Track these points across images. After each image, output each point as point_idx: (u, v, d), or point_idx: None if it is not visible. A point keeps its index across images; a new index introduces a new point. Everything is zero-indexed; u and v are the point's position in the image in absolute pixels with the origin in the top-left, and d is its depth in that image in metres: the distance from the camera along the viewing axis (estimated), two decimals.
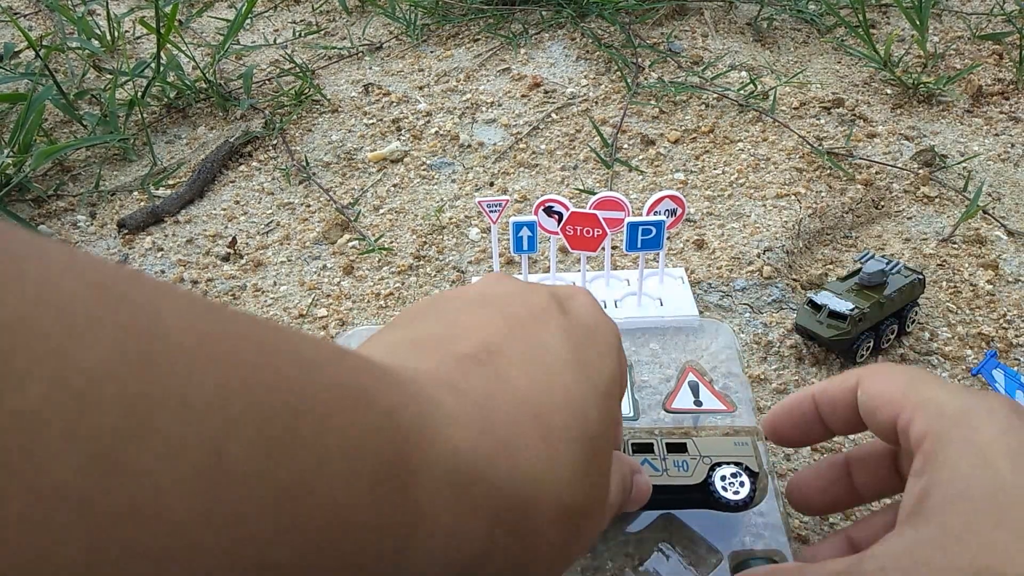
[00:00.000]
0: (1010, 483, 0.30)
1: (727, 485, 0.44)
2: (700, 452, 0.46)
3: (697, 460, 0.45)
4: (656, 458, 0.45)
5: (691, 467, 0.45)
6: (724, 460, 0.45)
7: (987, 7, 1.30)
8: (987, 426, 0.33)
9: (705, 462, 0.45)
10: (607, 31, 1.24)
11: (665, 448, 0.46)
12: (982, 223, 0.89)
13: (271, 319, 0.27)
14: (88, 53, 1.26)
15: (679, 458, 0.45)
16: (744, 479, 0.45)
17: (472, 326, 0.33)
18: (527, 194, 0.95)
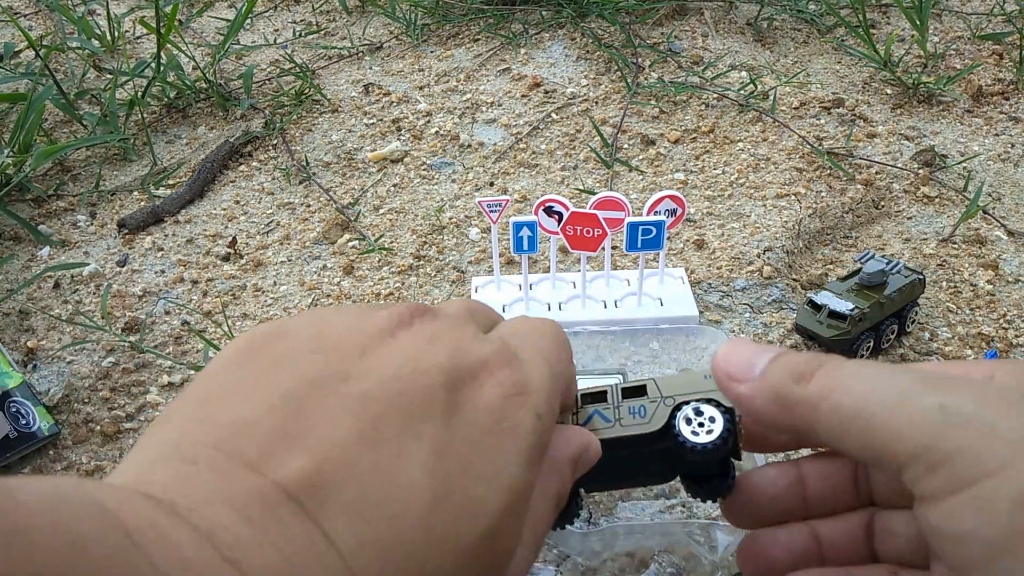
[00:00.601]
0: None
1: (695, 428, 0.34)
2: (661, 393, 0.36)
3: (657, 402, 0.35)
4: (608, 407, 0.36)
5: (649, 412, 0.35)
6: (690, 398, 0.35)
7: (987, 7, 1.30)
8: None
9: (667, 404, 0.35)
10: (607, 31, 1.24)
11: (620, 394, 0.36)
12: (982, 223, 0.89)
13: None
14: (88, 53, 1.26)
15: (635, 403, 0.36)
16: (716, 414, 0.34)
17: (308, 425, 0.23)
18: (527, 194, 0.95)
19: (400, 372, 0.25)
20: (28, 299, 0.86)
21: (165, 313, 0.84)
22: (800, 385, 0.30)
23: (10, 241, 0.95)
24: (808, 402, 0.30)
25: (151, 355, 0.79)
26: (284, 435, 0.23)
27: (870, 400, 0.28)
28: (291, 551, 0.20)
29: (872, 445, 0.28)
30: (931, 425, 0.27)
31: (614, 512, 0.56)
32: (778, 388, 0.31)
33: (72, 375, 0.77)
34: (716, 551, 0.53)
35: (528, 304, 0.74)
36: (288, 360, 0.26)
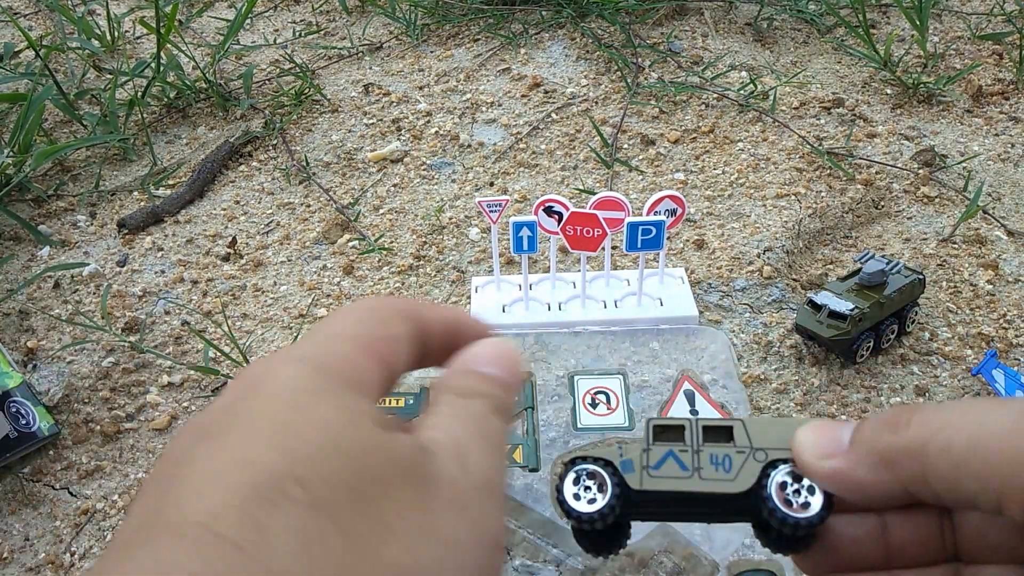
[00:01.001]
0: None
1: (789, 495, 0.29)
2: (751, 442, 0.31)
3: (746, 454, 0.30)
4: (686, 449, 0.31)
5: (735, 466, 0.30)
6: (786, 455, 0.30)
7: (987, 7, 1.30)
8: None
9: (757, 459, 0.30)
10: (607, 31, 1.24)
11: (701, 435, 0.31)
12: (982, 223, 0.89)
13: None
14: (88, 53, 1.26)
15: (719, 451, 0.31)
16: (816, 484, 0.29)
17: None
18: (527, 194, 0.95)
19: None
20: (28, 299, 0.86)
21: (165, 313, 0.84)
22: (900, 433, 0.28)
23: (10, 241, 0.95)
24: (912, 448, 0.27)
25: (151, 355, 0.79)
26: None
27: (983, 431, 0.26)
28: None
29: (994, 479, 0.25)
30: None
31: None
32: (876, 445, 0.28)
33: (72, 375, 0.77)
34: (716, 551, 0.53)
35: (528, 304, 0.74)
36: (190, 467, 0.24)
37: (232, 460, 0.22)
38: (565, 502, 0.31)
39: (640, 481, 0.31)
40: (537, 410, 0.64)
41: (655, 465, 0.31)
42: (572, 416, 0.63)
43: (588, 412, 0.64)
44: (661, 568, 0.52)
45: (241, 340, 0.80)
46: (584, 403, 0.64)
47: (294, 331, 0.80)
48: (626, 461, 0.31)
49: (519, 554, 0.55)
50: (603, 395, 0.65)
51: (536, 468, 0.59)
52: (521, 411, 0.63)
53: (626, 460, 0.31)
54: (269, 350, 0.79)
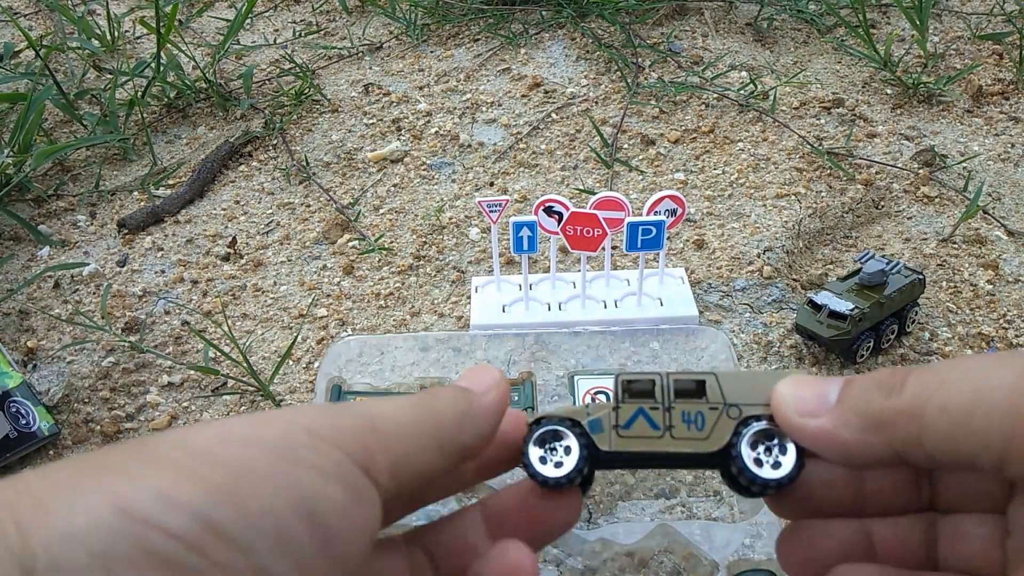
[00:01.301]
0: None
1: (760, 455, 0.29)
2: (724, 397, 0.30)
3: (718, 411, 0.29)
4: (657, 407, 0.30)
5: (708, 424, 0.29)
6: (759, 411, 0.29)
7: (987, 7, 1.30)
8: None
9: (730, 415, 0.29)
10: (607, 31, 1.24)
11: (672, 391, 0.30)
12: (982, 223, 0.89)
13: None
14: (88, 53, 1.26)
15: (691, 408, 0.30)
16: (789, 442, 0.29)
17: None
18: (527, 194, 0.95)
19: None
20: (28, 299, 0.86)
21: (165, 313, 0.84)
22: (893, 396, 0.27)
23: (10, 241, 0.95)
24: (908, 411, 0.26)
25: (151, 355, 0.79)
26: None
27: (985, 387, 0.25)
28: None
29: (997, 437, 0.24)
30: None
31: (614, 512, 0.56)
32: (868, 407, 0.27)
33: (72, 375, 0.77)
34: (716, 551, 0.53)
35: (528, 304, 0.74)
36: None
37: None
38: (530, 466, 0.30)
39: (610, 442, 0.30)
40: (537, 410, 0.64)
41: (625, 424, 0.30)
42: None
43: None
44: (661, 568, 0.52)
45: (241, 340, 0.80)
46: (584, 402, 0.64)
47: (294, 331, 0.80)
48: (594, 421, 0.30)
49: None
50: (603, 395, 0.65)
51: None
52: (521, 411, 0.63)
53: (594, 420, 0.30)
54: (269, 350, 0.79)
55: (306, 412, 0.26)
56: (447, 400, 0.29)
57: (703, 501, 0.56)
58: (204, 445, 0.23)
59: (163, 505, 0.21)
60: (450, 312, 0.81)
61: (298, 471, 0.23)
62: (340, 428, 0.26)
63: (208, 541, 0.21)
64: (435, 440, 0.28)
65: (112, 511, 0.20)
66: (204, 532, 0.21)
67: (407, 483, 0.27)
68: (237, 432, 0.24)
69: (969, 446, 0.25)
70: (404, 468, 0.27)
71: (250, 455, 0.23)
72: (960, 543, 0.30)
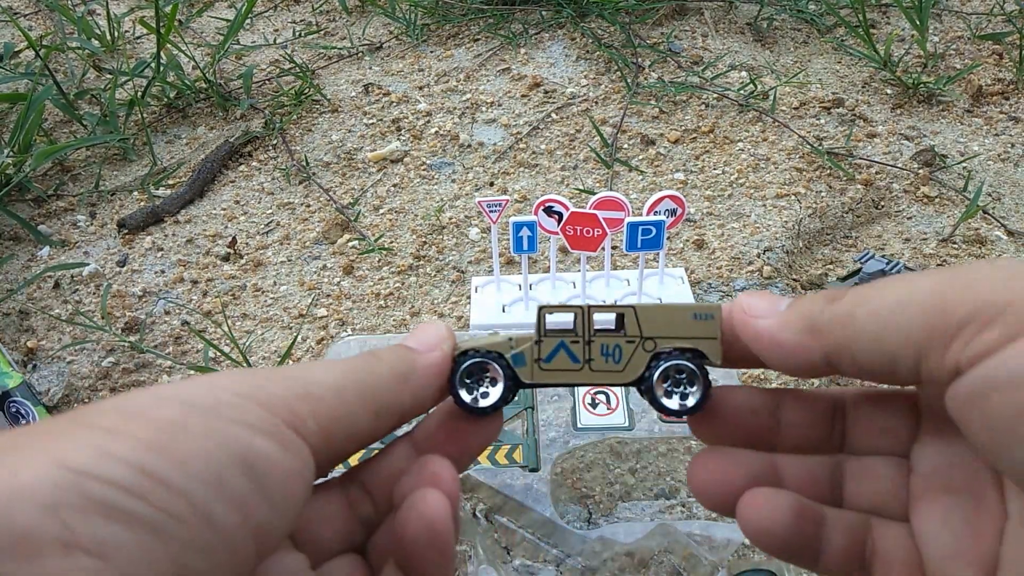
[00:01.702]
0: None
1: (670, 387, 0.31)
2: (641, 331, 0.31)
3: (635, 344, 0.31)
4: (578, 340, 0.31)
5: (624, 356, 0.31)
6: (673, 343, 0.31)
7: (987, 7, 1.30)
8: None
9: (646, 348, 0.31)
10: (607, 31, 1.24)
11: (592, 325, 0.31)
12: (982, 223, 0.89)
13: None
14: (88, 53, 1.26)
15: (609, 342, 0.31)
16: (697, 375, 0.31)
17: None
18: (527, 194, 0.95)
19: None
20: (28, 299, 0.86)
21: (165, 313, 0.84)
22: (834, 303, 0.28)
23: (10, 241, 0.95)
24: (843, 316, 0.28)
25: (151, 355, 0.79)
26: None
27: (909, 290, 0.27)
28: None
29: (919, 327, 0.26)
30: (988, 281, 0.25)
31: (614, 512, 0.56)
32: (810, 311, 0.29)
33: (72, 375, 0.77)
34: (716, 551, 0.53)
35: (528, 304, 0.74)
36: None
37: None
38: (458, 397, 0.31)
39: (531, 375, 0.32)
40: (537, 410, 0.64)
41: (546, 358, 0.32)
42: (572, 416, 0.63)
43: (588, 412, 0.64)
44: (661, 568, 0.52)
45: (241, 340, 0.80)
46: (584, 403, 0.64)
47: (294, 331, 0.80)
48: (517, 355, 0.31)
49: (519, 554, 0.55)
50: (603, 395, 0.65)
51: (536, 468, 0.59)
52: (521, 411, 0.63)
53: (517, 354, 0.31)
54: (269, 350, 0.79)
55: (235, 376, 0.27)
56: (388, 362, 0.30)
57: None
58: (136, 407, 0.25)
59: (102, 458, 0.22)
60: (450, 312, 0.81)
61: (227, 426, 0.25)
62: (269, 391, 0.27)
63: (148, 487, 0.22)
64: (371, 404, 0.29)
65: (55, 466, 0.22)
66: (143, 480, 0.22)
67: (340, 445, 0.28)
68: (167, 394, 0.25)
69: (892, 344, 0.27)
70: (336, 431, 0.28)
71: (181, 413, 0.25)
72: (866, 482, 0.32)
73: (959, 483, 0.29)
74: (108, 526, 0.21)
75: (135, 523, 0.22)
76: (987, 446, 0.25)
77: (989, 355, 0.24)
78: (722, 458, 0.32)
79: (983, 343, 0.24)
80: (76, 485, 0.21)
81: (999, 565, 0.27)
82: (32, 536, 0.20)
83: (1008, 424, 0.24)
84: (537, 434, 0.62)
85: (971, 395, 0.25)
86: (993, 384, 0.24)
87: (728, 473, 0.32)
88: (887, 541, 0.30)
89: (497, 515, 0.58)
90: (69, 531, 0.21)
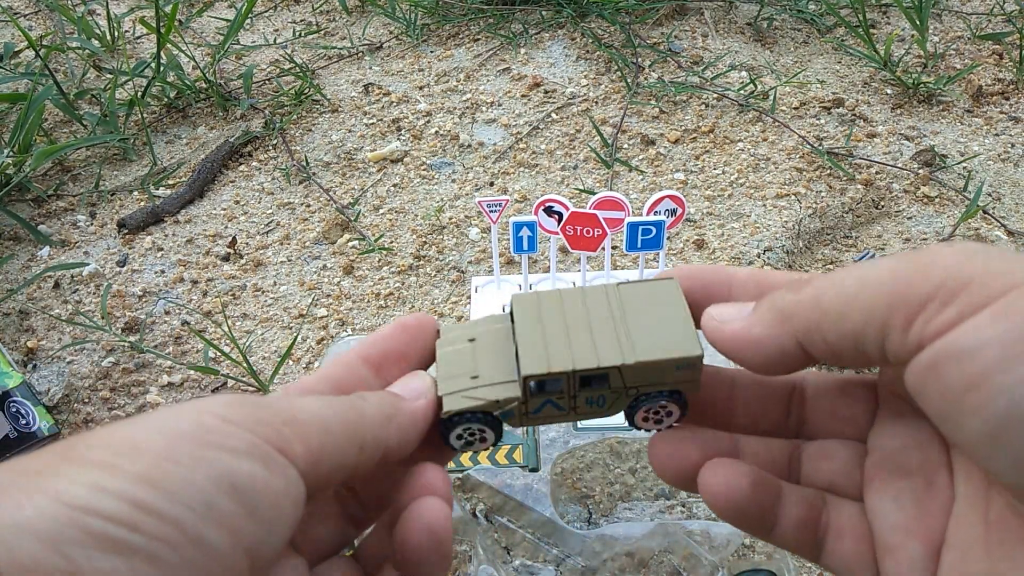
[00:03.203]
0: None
1: (650, 415, 0.33)
2: (624, 383, 0.32)
3: (619, 393, 0.33)
4: (563, 396, 0.33)
5: (608, 402, 0.33)
6: (653, 390, 0.33)
7: (987, 7, 1.30)
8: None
9: (628, 394, 0.33)
10: (607, 31, 1.24)
11: (578, 383, 0.32)
12: (982, 223, 0.89)
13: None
14: (88, 53, 1.26)
15: (594, 394, 0.33)
16: (672, 408, 0.33)
17: None
18: (527, 194, 0.95)
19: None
20: (28, 299, 0.86)
21: (165, 313, 0.84)
22: (799, 291, 0.29)
23: (10, 241, 0.95)
24: (809, 300, 0.29)
25: (151, 355, 0.79)
26: None
27: (876, 267, 0.28)
28: None
29: (881, 306, 0.27)
30: (946, 262, 0.26)
31: (614, 512, 0.56)
32: (778, 303, 0.30)
33: (72, 375, 0.77)
34: (716, 551, 0.53)
35: None
36: None
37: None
38: (452, 447, 0.34)
39: (520, 422, 0.34)
40: None
41: (535, 411, 0.33)
42: None
43: None
44: (661, 568, 0.52)
45: (241, 340, 0.80)
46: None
47: (294, 331, 0.80)
48: (506, 412, 0.33)
49: (519, 554, 0.55)
50: None
51: (536, 468, 0.59)
52: None
53: (506, 412, 0.33)
54: (269, 350, 0.79)
55: (221, 401, 0.28)
56: (373, 402, 0.32)
57: (703, 501, 0.56)
58: (124, 440, 0.26)
59: (97, 493, 0.24)
60: (450, 312, 0.81)
61: (212, 452, 0.26)
62: (255, 416, 0.28)
63: (141, 519, 0.24)
64: (356, 437, 0.30)
65: (54, 503, 0.23)
66: (135, 512, 0.24)
67: (327, 473, 0.29)
68: (154, 425, 0.27)
69: (857, 322, 0.27)
70: (323, 459, 0.29)
71: (167, 443, 0.26)
72: (823, 462, 0.33)
73: (912, 466, 0.30)
74: (107, 557, 0.23)
75: (132, 553, 0.23)
76: (940, 417, 0.26)
77: (947, 331, 0.25)
78: (682, 436, 0.34)
79: (944, 320, 0.25)
80: (75, 520, 0.23)
81: (945, 540, 0.29)
82: (37, 569, 0.22)
83: (958, 395, 0.25)
84: (537, 434, 0.62)
85: (927, 367, 0.26)
86: (946, 356, 0.25)
87: (687, 450, 0.33)
88: (840, 517, 0.32)
89: (497, 515, 0.58)
90: (71, 563, 0.22)
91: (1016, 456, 0.24)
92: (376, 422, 0.31)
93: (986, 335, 0.24)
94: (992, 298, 0.24)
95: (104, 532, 0.23)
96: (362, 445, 0.30)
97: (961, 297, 0.25)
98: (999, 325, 0.24)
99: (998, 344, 0.24)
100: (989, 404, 0.24)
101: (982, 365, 0.24)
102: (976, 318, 0.25)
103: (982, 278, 0.25)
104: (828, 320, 0.28)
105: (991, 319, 0.24)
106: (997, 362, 0.24)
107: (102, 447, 0.25)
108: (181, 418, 0.27)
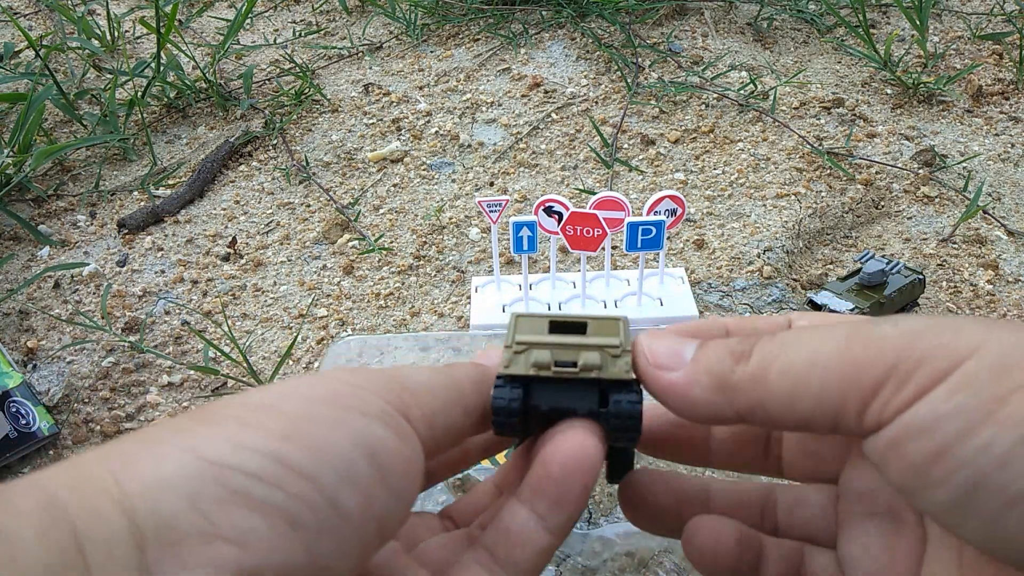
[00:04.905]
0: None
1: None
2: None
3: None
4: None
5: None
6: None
7: (987, 7, 1.30)
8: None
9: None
10: (607, 31, 1.24)
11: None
12: (982, 223, 0.89)
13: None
14: (88, 53, 1.26)
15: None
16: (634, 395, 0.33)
17: None
18: (527, 194, 0.95)
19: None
20: (28, 299, 0.86)
21: (165, 313, 0.84)
22: (741, 364, 0.29)
23: (10, 241, 0.95)
24: (752, 377, 0.28)
25: (151, 355, 0.79)
26: None
27: (822, 347, 0.27)
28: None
29: (833, 391, 0.27)
30: (895, 343, 0.26)
31: (614, 512, 0.57)
32: (717, 371, 0.29)
33: (72, 375, 0.77)
34: None
35: (528, 304, 0.74)
36: None
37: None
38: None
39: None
40: None
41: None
42: None
43: None
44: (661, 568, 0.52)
45: (241, 340, 0.80)
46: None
47: (294, 331, 0.80)
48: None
49: None
50: None
51: None
52: None
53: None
54: (269, 350, 0.79)
55: (346, 371, 0.29)
56: (464, 370, 0.32)
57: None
58: (262, 402, 0.26)
59: (237, 449, 0.23)
60: (450, 312, 0.81)
61: (350, 415, 0.26)
62: (377, 383, 0.28)
63: (283, 475, 0.23)
64: (459, 401, 0.30)
65: (193, 459, 0.23)
66: (278, 468, 0.23)
67: (440, 436, 0.29)
68: (287, 390, 0.27)
69: (807, 406, 0.27)
70: (436, 421, 0.29)
71: (306, 405, 0.26)
72: (798, 508, 0.33)
73: (881, 506, 0.30)
74: (246, 515, 0.22)
75: (270, 512, 0.23)
76: (905, 489, 0.26)
77: (904, 409, 0.25)
78: (650, 482, 0.33)
79: (901, 399, 0.25)
80: (214, 476, 0.22)
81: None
82: (175, 525, 0.21)
83: (921, 469, 0.25)
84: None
85: (887, 445, 0.26)
86: (906, 434, 0.25)
87: (657, 498, 0.33)
88: (816, 569, 0.32)
89: None
90: (209, 521, 0.22)
91: (982, 522, 0.24)
92: (471, 386, 0.31)
93: (943, 409, 0.24)
94: (946, 372, 0.25)
95: (245, 489, 0.22)
96: (465, 408, 0.30)
97: (916, 376, 0.25)
98: (955, 398, 0.24)
99: (956, 417, 0.24)
100: (952, 476, 0.24)
101: (943, 439, 0.24)
102: (932, 394, 0.25)
103: (933, 354, 0.25)
104: (774, 401, 0.28)
105: (947, 393, 0.25)
106: (957, 434, 0.24)
107: (239, 407, 0.25)
108: (314, 384, 0.27)
